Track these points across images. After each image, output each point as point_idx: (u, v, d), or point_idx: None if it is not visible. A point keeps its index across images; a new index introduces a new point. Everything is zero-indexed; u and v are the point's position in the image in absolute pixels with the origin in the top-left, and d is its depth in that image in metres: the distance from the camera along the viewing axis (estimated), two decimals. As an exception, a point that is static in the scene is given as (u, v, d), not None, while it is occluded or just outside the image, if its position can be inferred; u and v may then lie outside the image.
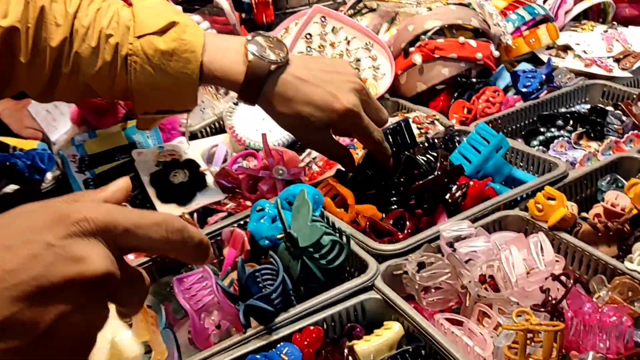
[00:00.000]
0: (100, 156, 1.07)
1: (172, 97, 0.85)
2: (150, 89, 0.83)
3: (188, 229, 0.41)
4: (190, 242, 0.41)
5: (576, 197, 0.94)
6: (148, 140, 1.10)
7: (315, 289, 0.79)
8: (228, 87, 0.89)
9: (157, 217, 0.38)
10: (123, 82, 0.83)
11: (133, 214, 0.37)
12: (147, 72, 0.81)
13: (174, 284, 0.74)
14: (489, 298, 0.73)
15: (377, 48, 1.33)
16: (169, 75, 0.81)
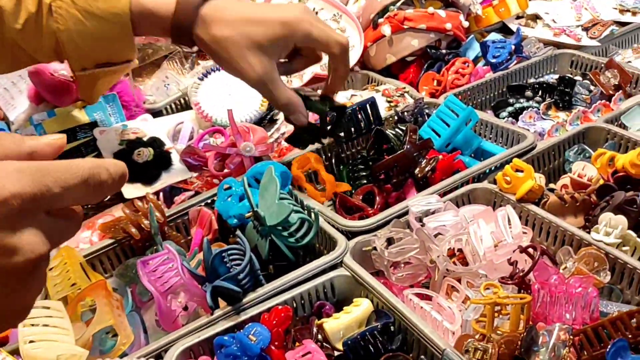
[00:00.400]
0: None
1: (106, 44, 0.78)
2: (80, 37, 0.76)
3: (109, 176, 0.37)
4: (108, 190, 0.37)
5: (544, 168, 0.94)
6: (110, 118, 1.06)
7: (285, 267, 0.78)
8: (161, 24, 0.79)
9: (84, 173, 0.34)
10: (51, 34, 0.76)
11: (61, 174, 0.32)
12: (74, 17, 0.75)
13: (138, 267, 0.72)
14: (458, 272, 0.73)
15: (345, 19, 1.31)
16: (97, 18, 0.75)
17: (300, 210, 0.78)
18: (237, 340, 0.63)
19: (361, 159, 0.98)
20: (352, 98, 1.19)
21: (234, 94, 1.13)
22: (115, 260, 0.86)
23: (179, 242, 0.86)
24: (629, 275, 0.70)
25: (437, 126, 0.97)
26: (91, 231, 0.90)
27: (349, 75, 0.82)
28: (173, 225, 0.89)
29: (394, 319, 0.67)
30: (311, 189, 0.91)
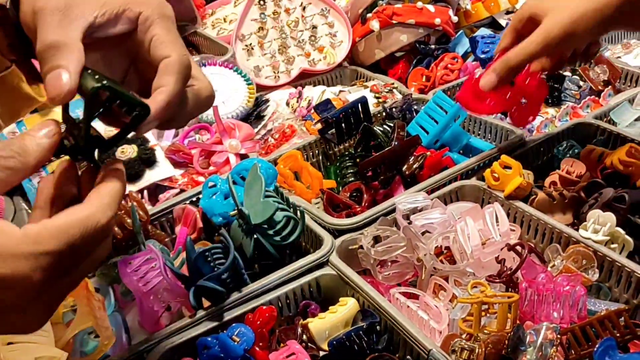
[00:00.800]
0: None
1: None
2: None
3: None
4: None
5: (533, 164, 0.93)
6: (94, 114, 1.04)
7: (270, 266, 0.76)
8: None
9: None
10: None
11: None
12: None
13: (119, 266, 0.71)
14: (445, 270, 0.72)
15: (333, 14, 1.29)
16: None
17: (286, 208, 0.77)
18: (220, 342, 0.62)
19: (349, 155, 0.97)
20: (340, 94, 1.18)
21: (221, 90, 1.11)
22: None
23: (163, 241, 0.85)
24: (617, 273, 0.69)
25: (425, 123, 0.96)
26: (73, 230, 0.88)
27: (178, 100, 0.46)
28: (157, 223, 0.88)
29: (380, 318, 0.66)
30: (299, 186, 0.90)
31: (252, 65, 1.25)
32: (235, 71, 1.13)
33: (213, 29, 1.37)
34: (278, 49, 1.26)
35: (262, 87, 1.24)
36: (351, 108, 0.98)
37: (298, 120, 1.10)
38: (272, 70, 1.26)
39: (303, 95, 1.16)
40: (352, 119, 0.98)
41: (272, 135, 1.09)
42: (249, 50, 1.25)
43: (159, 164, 0.97)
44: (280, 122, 1.10)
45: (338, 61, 1.29)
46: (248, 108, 1.10)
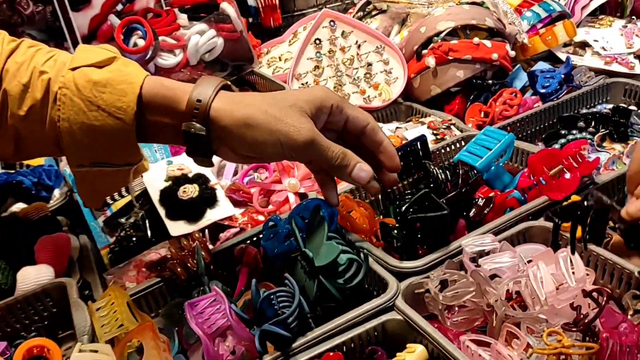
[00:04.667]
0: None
1: (105, 140, 0.67)
2: (79, 129, 0.67)
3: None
4: None
5: (603, 204, 0.90)
6: (156, 154, 1.07)
7: (334, 309, 0.75)
8: (170, 125, 0.68)
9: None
10: (53, 124, 0.68)
11: None
12: (77, 106, 0.66)
13: (185, 309, 0.71)
14: (517, 317, 0.69)
15: (388, 51, 1.30)
16: (100, 110, 0.66)
17: (349, 250, 0.76)
18: (287, 389, 0.61)
19: (409, 194, 0.95)
20: (397, 131, 1.17)
21: (278, 129, 1.12)
22: (160, 299, 0.85)
23: (223, 281, 0.85)
24: None
25: (476, 150, 0.94)
26: (137, 269, 0.89)
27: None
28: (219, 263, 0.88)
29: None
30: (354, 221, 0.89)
31: (308, 103, 1.25)
32: (293, 110, 1.14)
33: (268, 68, 1.40)
34: (334, 86, 1.27)
35: (319, 124, 1.24)
36: (410, 146, 0.97)
37: (355, 158, 1.10)
38: (328, 108, 1.26)
39: (360, 133, 1.15)
40: (411, 157, 0.97)
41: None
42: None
43: (220, 203, 0.98)
44: (337, 160, 1.10)
45: (393, 97, 1.28)
46: (306, 146, 1.11)
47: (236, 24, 1.26)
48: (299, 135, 0.66)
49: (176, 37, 1.23)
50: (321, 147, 0.68)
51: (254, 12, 1.87)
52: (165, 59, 1.21)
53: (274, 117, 0.66)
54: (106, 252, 0.98)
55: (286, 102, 0.67)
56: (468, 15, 1.26)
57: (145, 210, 1.00)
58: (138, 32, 1.20)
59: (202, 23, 1.23)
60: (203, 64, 1.26)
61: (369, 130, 0.73)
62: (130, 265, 0.91)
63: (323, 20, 1.28)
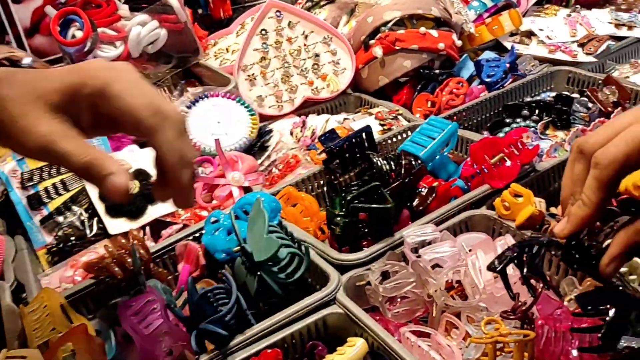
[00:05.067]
0: (44, 169, 1.00)
1: None
2: None
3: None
4: None
5: (544, 191, 0.91)
6: (96, 150, 1.03)
7: (275, 304, 0.74)
8: None
9: None
10: None
11: None
12: None
13: (119, 310, 0.68)
14: (457, 306, 0.69)
15: (336, 42, 1.28)
16: None
17: (291, 244, 0.75)
18: (223, 389, 0.60)
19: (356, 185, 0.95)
20: (345, 122, 1.16)
21: (223, 122, 1.10)
22: (99, 301, 0.82)
23: (164, 280, 0.83)
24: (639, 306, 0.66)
25: (421, 141, 0.94)
26: (74, 270, 0.86)
27: (185, 166, 0.53)
28: (159, 261, 0.86)
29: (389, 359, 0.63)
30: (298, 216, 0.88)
31: (255, 95, 1.24)
32: (238, 102, 1.12)
33: (216, 59, 1.37)
34: (281, 78, 1.25)
35: (266, 116, 1.22)
36: (355, 137, 0.96)
37: (302, 150, 1.09)
38: (275, 100, 1.24)
39: (307, 125, 1.14)
40: (356, 148, 0.96)
41: (276, 166, 1.07)
42: (252, 81, 1.24)
43: (161, 199, 0.96)
44: (284, 153, 1.09)
45: (341, 88, 1.27)
46: (251, 139, 1.09)
47: (180, 15, 1.23)
48: (27, 141, 0.49)
49: (117, 29, 1.19)
50: (59, 154, 0.49)
51: (203, 3, 1.83)
52: (106, 51, 1.17)
53: (16, 113, 0.49)
54: (43, 253, 0.94)
55: (33, 94, 0.50)
56: (414, 4, 1.26)
57: (85, 208, 0.97)
58: (76, 24, 1.16)
59: (143, 14, 1.19)
60: (146, 56, 1.22)
61: (143, 129, 0.51)
62: (66, 265, 0.88)
63: (269, 10, 1.26)
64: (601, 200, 0.52)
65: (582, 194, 0.53)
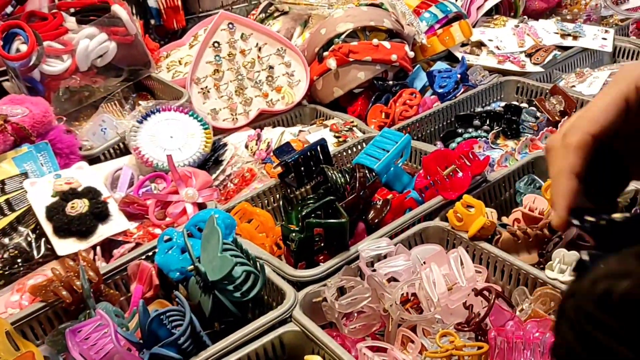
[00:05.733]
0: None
1: None
2: None
3: None
4: None
5: (496, 200, 0.93)
6: (42, 168, 1.00)
7: (232, 324, 0.73)
8: None
9: None
10: None
11: None
12: None
13: (66, 337, 0.66)
14: (412, 320, 0.69)
15: (290, 54, 1.28)
16: None
17: (246, 261, 0.74)
18: (177, 415, 0.58)
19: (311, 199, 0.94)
20: (300, 134, 1.16)
21: (176, 136, 1.08)
22: (47, 325, 0.79)
23: (117, 302, 0.81)
24: (586, 314, 0.67)
25: (375, 153, 0.94)
26: (20, 294, 0.83)
27: None
28: (111, 282, 0.83)
29: (346, 378, 0.63)
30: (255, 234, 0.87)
31: (208, 108, 1.22)
32: (191, 116, 1.10)
33: (168, 72, 1.34)
34: (235, 90, 1.24)
35: (220, 129, 1.21)
36: (310, 151, 0.96)
37: (258, 164, 1.08)
38: (229, 113, 1.23)
39: (262, 138, 1.13)
40: (311, 161, 0.96)
41: (231, 181, 1.06)
42: (205, 94, 1.23)
43: (113, 217, 0.93)
44: (239, 167, 1.08)
45: (296, 100, 1.27)
46: (205, 153, 1.07)
47: (129, 27, 1.20)
48: None
49: (63, 42, 1.16)
50: None
51: (155, 13, 1.79)
52: (52, 65, 1.14)
53: None
54: (-12, 277, 0.90)
55: None
56: (366, 16, 1.27)
57: (32, 229, 0.94)
58: (20, 37, 1.12)
59: (91, 26, 1.16)
60: (95, 69, 1.19)
61: None
62: (12, 289, 0.85)
63: (221, 22, 1.25)
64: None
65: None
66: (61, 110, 1.17)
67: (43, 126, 1.02)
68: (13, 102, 1.03)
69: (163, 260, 0.81)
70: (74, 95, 1.20)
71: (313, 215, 0.82)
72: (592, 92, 1.23)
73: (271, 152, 1.08)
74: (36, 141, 1.01)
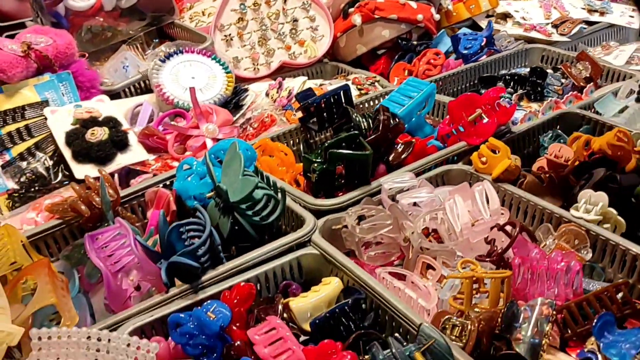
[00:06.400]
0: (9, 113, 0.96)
1: None
2: None
3: None
4: None
5: (519, 153, 0.91)
6: (63, 97, 0.99)
7: (248, 249, 0.72)
8: None
9: None
10: None
11: None
12: None
13: (85, 241, 0.65)
14: (433, 250, 0.68)
15: (315, 8, 1.27)
16: None
17: (266, 187, 0.73)
18: (194, 318, 0.57)
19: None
20: (322, 86, 1.15)
21: (198, 78, 1.07)
22: (62, 243, 0.79)
23: (133, 224, 0.80)
24: (611, 253, 0.66)
25: (400, 100, 0.93)
26: (36, 212, 0.82)
27: None
28: (128, 206, 0.83)
29: (365, 295, 0.62)
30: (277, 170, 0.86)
31: (231, 56, 1.21)
32: (214, 59, 1.10)
33: (191, 22, 1.34)
34: (258, 41, 1.23)
35: (241, 79, 1.20)
36: (333, 95, 0.95)
37: (278, 110, 1.07)
38: (251, 62, 1.22)
39: (283, 86, 1.12)
40: (334, 107, 0.95)
41: (251, 124, 1.05)
42: (228, 41, 1.22)
43: (132, 147, 0.93)
44: (259, 112, 1.07)
45: (319, 55, 1.26)
46: (226, 96, 1.07)
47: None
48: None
49: (90, -21, 1.15)
50: None
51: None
52: (77, 2, 1.13)
53: None
54: (4, 199, 0.90)
55: None
56: (395, -26, 1.26)
57: (50, 156, 0.93)
58: (48, -28, 1.12)
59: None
60: (119, 10, 1.19)
61: None
62: (29, 208, 0.84)
63: (248, -29, 1.24)
64: None
65: None
66: (82, 49, 1.16)
67: (66, 57, 1.02)
68: (37, 31, 1.03)
69: (182, 186, 0.80)
70: (96, 36, 1.19)
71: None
72: (619, 64, 1.22)
73: (292, 99, 1.07)
74: (58, 71, 1.01)
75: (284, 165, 0.87)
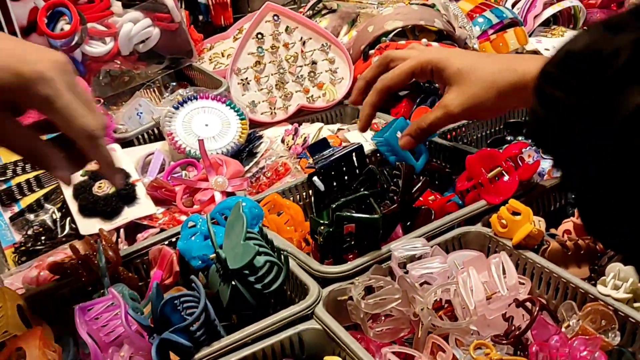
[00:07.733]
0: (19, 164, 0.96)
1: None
2: None
3: None
4: None
5: (544, 211, 0.85)
6: (75, 147, 0.98)
7: (250, 317, 0.68)
8: None
9: None
10: None
11: None
12: None
13: (75, 314, 0.63)
14: (445, 328, 0.63)
15: (334, 50, 1.24)
16: None
17: (270, 252, 0.70)
18: (181, 406, 0.54)
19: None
20: (339, 132, 1.12)
21: (211, 125, 1.05)
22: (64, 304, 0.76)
23: (135, 286, 0.77)
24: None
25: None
26: (39, 270, 0.80)
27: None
28: (131, 266, 0.80)
29: (368, 383, 0.57)
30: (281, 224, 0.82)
31: (247, 100, 1.19)
32: (228, 105, 1.08)
33: (210, 64, 1.33)
34: (275, 84, 1.21)
35: (258, 123, 1.18)
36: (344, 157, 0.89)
37: (293, 158, 1.04)
38: (268, 106, 1.20)
39: (299, 132, 1.09)
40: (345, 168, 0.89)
41: (264, 174, 1.02)
42: (245, 85, 1.20)
43: (140, 200, 0.91)
44: (273, 160, 1.04)
45: (338, 98, 1.23)
46: (239, 144, 1.04)
47: (174, 14, 1.19)
48: None
49: (107, 25, 1.15)
50: None
51: (204, 9, 1.80)
52: (94, 47, 1.13)
53: None
54: (11, 252, 0.89)
55: None
56: (417, 15, 1.22)
57: (58, 208, 0.92)
58: (65, 17, 1.12)
59: (136, 10, 1.15)
60: (137, 54, 1.18)
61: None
62: (32, 266, 0.82)
63: (266, 13, 1.22)
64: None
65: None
66: (100, 93, 1.16)
67: (79, 105, 1.01)
68: (52, 79, 1.02)
69: (185, 246, 0.77)
70: (114, 80, 1.19)
71: (345, 210, 0.77)
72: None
73: (307, 147, 1.04)
74: (71, 120, 1.00)
75: (292, 224, 0.83)
